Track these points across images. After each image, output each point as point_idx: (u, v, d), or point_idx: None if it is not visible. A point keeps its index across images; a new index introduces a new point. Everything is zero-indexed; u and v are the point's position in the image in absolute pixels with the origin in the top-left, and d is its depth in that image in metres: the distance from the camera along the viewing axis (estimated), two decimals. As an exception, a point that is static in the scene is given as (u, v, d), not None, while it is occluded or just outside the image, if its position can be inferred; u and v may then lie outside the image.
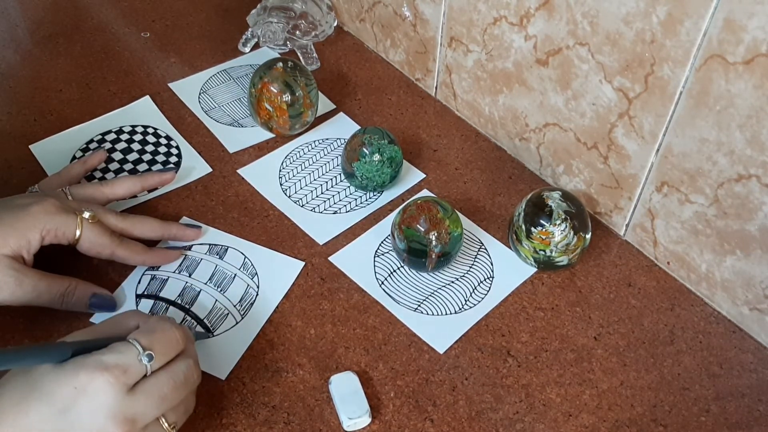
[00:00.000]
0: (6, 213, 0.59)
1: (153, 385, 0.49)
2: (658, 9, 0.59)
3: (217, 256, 0.69)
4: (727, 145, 0.60)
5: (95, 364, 0.47)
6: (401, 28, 0.88)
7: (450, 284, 0.68)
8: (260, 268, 0.68)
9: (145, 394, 0.48)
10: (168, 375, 0.50)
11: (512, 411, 0.60)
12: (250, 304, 0.65)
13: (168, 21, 0.97)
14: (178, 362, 0.51)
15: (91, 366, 0.47)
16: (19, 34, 0.93)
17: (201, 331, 0.63)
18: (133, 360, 0.48)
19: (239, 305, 0.65)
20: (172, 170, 0.74)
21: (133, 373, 0.48)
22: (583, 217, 0.67)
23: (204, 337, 0.62)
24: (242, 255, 0.69)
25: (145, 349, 0.49)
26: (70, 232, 0.61)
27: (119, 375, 0.47)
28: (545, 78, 0.72)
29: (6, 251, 0.57)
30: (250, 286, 0.67)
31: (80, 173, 0.72)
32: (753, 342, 0.66)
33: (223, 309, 0.65)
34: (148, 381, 0.49)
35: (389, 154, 0.73)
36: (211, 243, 0.70)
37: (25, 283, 0.58)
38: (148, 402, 0.48)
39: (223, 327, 0.63)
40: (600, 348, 0.64)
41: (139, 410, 0.48)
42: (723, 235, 0.64)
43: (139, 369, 0.48)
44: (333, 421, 0.58)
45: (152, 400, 0.49)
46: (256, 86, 0.77)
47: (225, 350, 0.62)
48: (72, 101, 0.84)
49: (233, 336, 0.63)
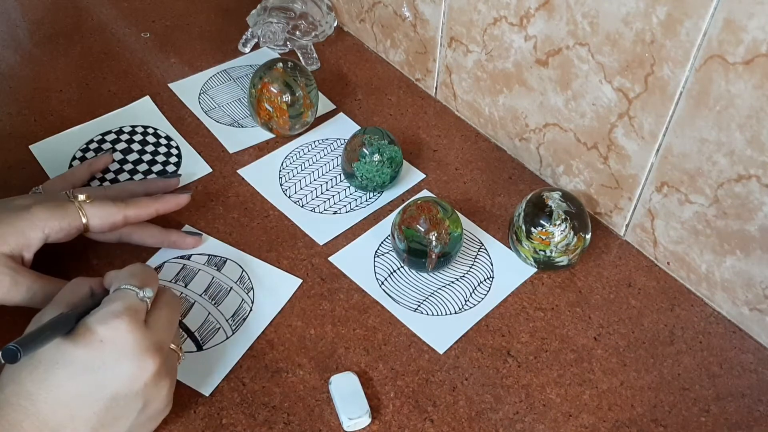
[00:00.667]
0: (6, 212, 0.59)
1: (158, 316, 0.53)
2: (658, 9, 0.59)
3: (215, 268, 0.68)
4: (727, 146, 0.60)
5: (108, 315, 0.50)
6: (401, 29, 0.88)
7: (450, 284, 0.68)
8: (257, 283, 0.67)
9: (156, 324, 0.52)
10: (163, 305, 0.55)
11: (512, 411, 0.60)
12: (243, 320, 0.64)
13: (168, 21, 0.97)
14: (163, 294, 0.56)
15: (105, 318, 0.50)
16: (19, 35, 0.93)
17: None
18: (135, 300, 0.52)
19: (231, 320, 0.64)
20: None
21: (141, 310, 0.52)
22: (583, 217, 0.67)
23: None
24: (240, 268, 0.68)
25: (140, 288, 0.52)
26: (76, 221, 0.61)
27: (133, 315, 0.50)
28: (545, 78, 0.72)
29: (5, 250, 0.57)
30: (244, 301, 0.65)
31: (86, 176, 0.72)
32: (753, 342, 0.66)
33: (215, 323, 0.63)
34: (152, 314, 0.53)
35: (389, 154, 0.73)
36: (210, 254, 0.69)
37: (20, 283, 0.58)
38: (161, 330, 0.53)
39: (213, 341, 0.62)
40: (600, 348, 0.64)
41: (159, 338, 0.52)
42: (723, 235, 0.64)
43: (143, 306, 0.52)
44: (333, 422, 0.58)
45: (163, 327, 0.53)
46: (256, 86, 0.77)
47: (212, 365, 0.61)
48: (72, 101, 0.84)
49: (222, 351, 0.62)
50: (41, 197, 0.63)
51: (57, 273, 0.61)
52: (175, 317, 0.56)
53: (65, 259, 0.66)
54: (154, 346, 0.51)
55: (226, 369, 0.60)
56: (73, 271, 0.64)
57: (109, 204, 0.63)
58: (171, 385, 0.53)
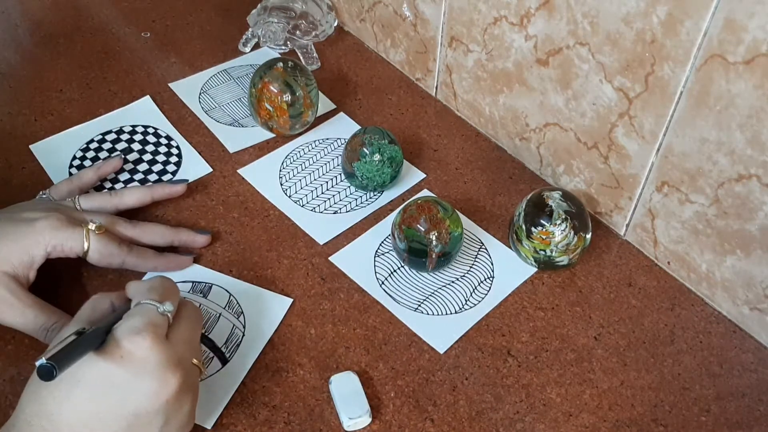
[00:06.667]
0: (11, 227, 0.59)
1: (179, 331, 0.52)
2: (658, 9, 0.59)
3: (201, 295, 0.65)
4: (727, 145, 0.60)
5: (129, 331, 0.48)
6: (401, 28, 0.88)
7: (450, 284, 0.68)
8: (246, 307, 0.65)
9: (177, 339, 0.51)
10: (185, 320, 0.53)
11: (512, 411, 0.60)
12: (237, 346, 0.62)
13: (168, 21, 0.97)
14: (184, 308, 0.54)
15: (126, 334, 0.48)
16: (19, 34, 0.93)
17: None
18: (156, 314, 0.50)
19: (225, 347, 0.62)
20: (184, 182, 0.73)
21: (162, 325, 0.50)
22: (583, 217, 0.67)
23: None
24: (227, 293, 0.65)
25: (160, 303, 0.51)
26: (78, 246, 0.60)
27: (154, 330, 0.49)
28: (545, 78, 0.72)
29: (6, 268, 0.57)
30: (236, 326, 0.63)
31: (93, 180, 0.71)
32: (753, 342, 0.66)
33: (207, 352, 0.61)
34: (173, 329, 0.52)
35: (389, 153, 0.73)
36: (194, 280, 0.66)
37: (15, 306, 0.57)
38: (182, 345, 0.51)
39: (208, 371, 0.60)
40: (600, 348, 0.64)
41: (181, 353, 0.51)
42: (723, 235, 0.64)
43: (164, 321, 0.51)
44: (333, 421, 0.58)
45: (184, 342, 0.52)
46: (257, 86, 0.77)
47: (210, 396, 0.58)
48: (72, 101, 0.84)
49: (219, 381, 0.59)
50: (48, 208, 0.62)
51: (54, 274, 0.61)
52: (197, 332, 0.54)
53: (63, 259, 0.66)
54: (176, 362, 0.49)
55: (226, 398, 0.58)
56: (74, 271, 0.64)
57: (113, 244, 0.62)
58: (193, 401, 0.52)
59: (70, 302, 0.62)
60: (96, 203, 0.67)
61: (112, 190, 0.70)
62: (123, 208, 0.68)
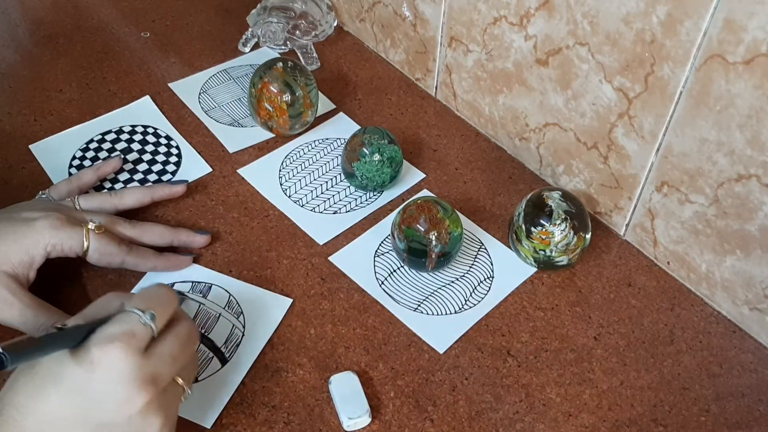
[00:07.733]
0: (10, 227, 0.59)
1: (163, 346, 0.49)
2: (658, 9, 0.59)
3: (201, 295, 0.65)
4: (727, 145, 0.60)
5: (103, 338, 0.46)
6: (401, 28, 0.88)
7: (450, 284, 0.68)
8: (246, 307, 0.64)
9: (158, 355, 0.48)
10: (173, 335, 0.50)
11: (512, 411, 0.60)
12: (236, 346, 0.62)
13: (168, 21, 0.97)
14: (178, 323, 0.52)
15: (100, 340, 0.46)
16: (19, 34, 0.93)
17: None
18: (137, 323, 0.48)
19: (224, 347, 0.62)
20: (184, 182, 0.73)
21: (141, 336, 0.48)
22: (583, 217, 0.67)
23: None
24: (227, 293, 0.65)
25: (144, 311, 0.49)
26: (77, 245, 0.60)
27: (129, 340, 0.47)
28: (545, 78, 0.72)
29: (6, 268, 0.57)
30: (235, 326, 0.63)
31: (92, 180, 0.71)
32: (753, 342, 0.66)
33: (207, 352, 0.61)
34: (157, 343, 0.49)
35: (389, 154, 0.73)
36: (194, 280, 0.66)
37: (14, 306, 0.57)
38: (162, 362, 0.49)
39: (207, 371, 0.60)
40: (600, 348, 0.64)
41: (157, 370, 0.48)
42: (723, 235, 0.64)
43: (145, 331, 0.48)
44: (333, 421, 0.58)
45: (165, 359, 0.49)
46: (256, 86, 0.77)
47: (210, 396, 0.58)
48: (72, 101, 0.84)
49: (218, 380, 0.59)
50: (48, 208, 0.62)
51: (54, 274, 0.61)
52: (187, 350, 0.51)
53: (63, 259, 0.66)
54: (149, 377, 0.47)
55: (226, 398, 0.58)
56: (74, 271, 0.64)
57: (113, 244, 0.62)
58: (165, 423, 0.49)
59: (70, 302, 0.63)
60: (96, 203, 0.66)
61: (112, 191, 0.70)
62: (123, 208, 0.68)
